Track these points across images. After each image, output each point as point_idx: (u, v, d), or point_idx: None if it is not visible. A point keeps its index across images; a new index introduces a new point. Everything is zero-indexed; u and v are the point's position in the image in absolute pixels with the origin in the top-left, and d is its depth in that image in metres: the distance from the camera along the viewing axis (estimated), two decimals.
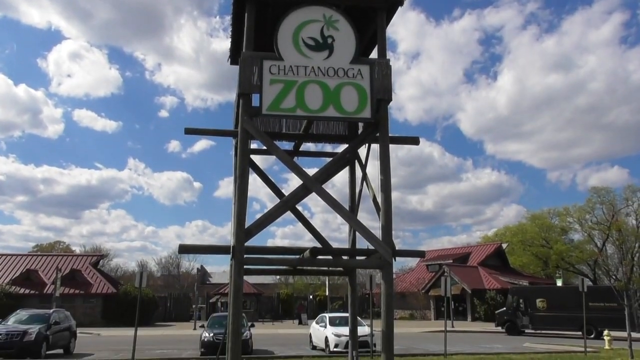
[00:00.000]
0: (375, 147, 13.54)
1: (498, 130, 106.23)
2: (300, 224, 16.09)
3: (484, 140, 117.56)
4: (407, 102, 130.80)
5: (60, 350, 18.63)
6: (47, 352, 17.22)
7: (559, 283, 39.36)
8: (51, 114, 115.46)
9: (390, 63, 13.02)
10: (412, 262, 60.56)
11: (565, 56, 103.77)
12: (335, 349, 17.84)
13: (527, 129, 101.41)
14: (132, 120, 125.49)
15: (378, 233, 12.51)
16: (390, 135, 13.12)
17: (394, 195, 12.95)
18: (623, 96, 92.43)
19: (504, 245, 56.16)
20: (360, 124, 15.04)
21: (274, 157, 13.83)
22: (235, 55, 14.51)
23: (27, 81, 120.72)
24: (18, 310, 19.73)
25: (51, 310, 19.71)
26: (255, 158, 15.69)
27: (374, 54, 14.08)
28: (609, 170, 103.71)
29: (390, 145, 13.04)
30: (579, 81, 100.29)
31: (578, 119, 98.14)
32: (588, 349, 17.98)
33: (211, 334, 17.40)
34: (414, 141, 14.17)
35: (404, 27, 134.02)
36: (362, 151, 14.80)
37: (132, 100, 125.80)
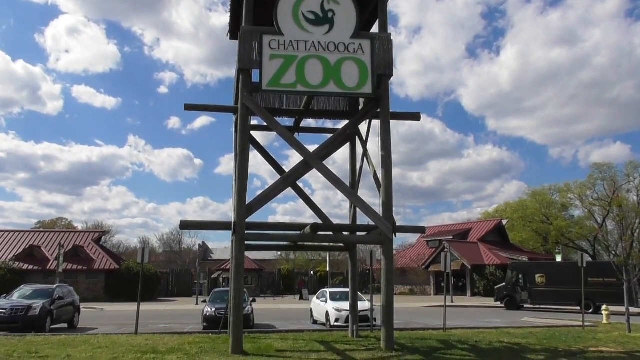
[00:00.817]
0: (376, 123, 13.49)
1: (500, 106, 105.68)
2: (301, 201, 16.16)
3: (485, 116, 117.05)
4: (408, 78, 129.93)
5: (65, 325, 18.85)
6: (52, 327, 17.42)
7: (559, 259, 39.55)
8: (50, 90, 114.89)
9: (392, 38, 12.92)
10: (413, 238, 60.94)
11: (569, 30, 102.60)
12: (335, 324, 18.03)
13: (529, 105, 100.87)
14: (132, 96, 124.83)
15: (378, 209, 12.55)
16: (391, 111, 13.06)
17: (395, 171, 12.94)
18: (627, 71, 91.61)
19: (504, 222, 56.35)
20: (361, 100, 14.98)
21: (274, 133, 13.77)
22: (234, 30, 14.36)
23: (25, 57, 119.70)
24: (22, 286, 19.89)
25: (54, 286, 19.88)
26: (256, 134, 15.65)
27: (375, 29, 13.92)
28: (612, 147, 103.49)
29: (391, 121, 13.00)
30: (583, 56, 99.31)
31: (581, 95, 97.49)
32: (586, 324, 18.16)
33: (213, 309, 17.57)
34: (415, 117, 14.12)
35: (406, 1, 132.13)
36: (363, 128, 14.75)
37: (131, 76, 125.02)
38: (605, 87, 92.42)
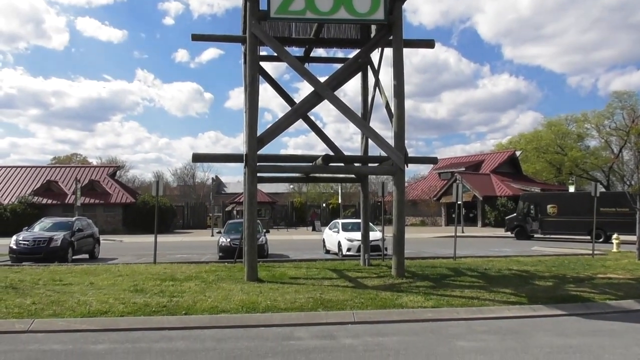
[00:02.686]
0: (388, 52, 13.12)
1: (518, 33, 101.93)
2: (312, 134, 16.18)
3: (502, 44, 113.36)
4: (422, 4, 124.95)
5: (86, 255, 19.52)
6: (73, 257, 18.06)
7: (572, 189, 39.51)
8: (54, 23, 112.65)
9: None
10: (424, 170, 61.10)
11: None
12: (347, 253, 18.44)
13: (549, 31, 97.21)
14: (137, 28, 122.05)
15: (391, 142, 12.45)
16: (404, 39, 12.64)
17: (408, 103, 12.71)
18: None
19: (518, 153, 55.91)
20: (373, 27, 14.48)
21: (284, 65, 13.61)
22: None
23: None
24: (42, 219, 20.45)
25: (74, 218, 20.40)
26: (266, 66, 15.34)
27: None
28: (634, 74, 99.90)
29: (404, 51, 12.63)
30: None
31: (605, 19, 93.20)
32: (596, 252, 18.37)
33: (228, 239, 18.04)
34: (429, 44, 13.67)
35: None
36: (375, 57, 14.38)
37: (135, 7, 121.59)
38: (632, 10, 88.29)
